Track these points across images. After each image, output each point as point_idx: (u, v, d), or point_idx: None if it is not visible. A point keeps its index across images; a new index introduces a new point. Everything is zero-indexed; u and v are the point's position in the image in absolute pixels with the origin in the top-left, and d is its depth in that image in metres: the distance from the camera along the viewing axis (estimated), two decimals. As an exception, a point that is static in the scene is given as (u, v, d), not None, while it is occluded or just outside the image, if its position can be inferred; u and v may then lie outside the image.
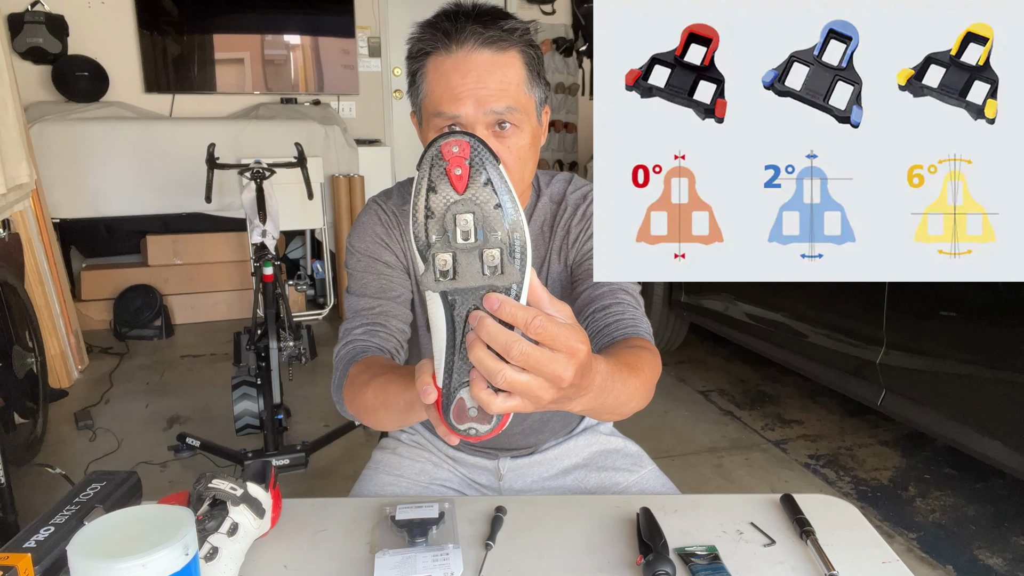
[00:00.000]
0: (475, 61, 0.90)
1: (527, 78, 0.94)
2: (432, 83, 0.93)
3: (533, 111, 0.96)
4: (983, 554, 2.04)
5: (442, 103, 0.92)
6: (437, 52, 0.92)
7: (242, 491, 0.89)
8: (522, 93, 0.93)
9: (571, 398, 0.66)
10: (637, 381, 0.83)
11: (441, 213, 0.59)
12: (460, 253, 0.59)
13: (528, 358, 0.58)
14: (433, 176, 0.60)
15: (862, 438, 2.76)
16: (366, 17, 5.33)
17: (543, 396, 0.60)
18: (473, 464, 1.26)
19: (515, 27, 0.92)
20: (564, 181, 1.13)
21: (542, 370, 0.59)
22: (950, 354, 1.90)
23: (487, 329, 0.57)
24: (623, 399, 0.79)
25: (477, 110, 0.91)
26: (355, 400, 0.93)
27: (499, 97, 0.91)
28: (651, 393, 0.91)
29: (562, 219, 1.10)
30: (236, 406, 2.64)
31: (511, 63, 0.92)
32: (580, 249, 1.09)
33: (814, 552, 0.91)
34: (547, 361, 0.58)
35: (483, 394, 0.59)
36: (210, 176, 3.20)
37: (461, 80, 0.90)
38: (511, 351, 0.57)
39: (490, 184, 0.60)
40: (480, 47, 0.90)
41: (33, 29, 4.34)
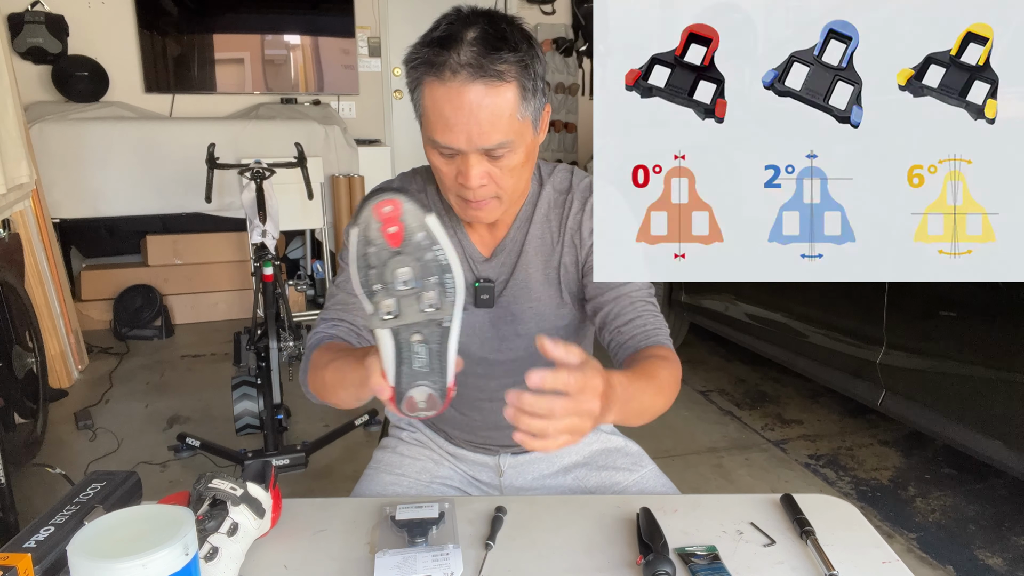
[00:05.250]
0: (468, 95, 0.91)
1: (520, 103, 0.94)
2: (428, 107, 0.95)
3: (528, 130, 0.98)
4: (983, 554, 2.04)
5: (436, 132, 0.95)
6: (431, 78, 0.93)
7: (242, 491, 0.89)
8: (515, 121, 0.94)
9: (604, 417, 0.79)
10: (655, 385, 0.95)
11: (381, 266, 0.69)
12: (402, 298, 0.70)
13: (566, 410, 0.73)
14: (371, 235, 0.69)
15: (862, 438, 2.76)
16: (366, 17, 5.33)
17: (585, 427, 0.76)
18: (474, 461, 1.26)
19: (510, 60, 0.91)
20: (567, 171, 1.15)
21: (578, 412, 0.74)
22: (950, 354, 1.90)
23: (528, 403, 0.72)
24: (646, 404, 0.94)
25: (469, 145, 0.93)
26: (316, 380, 1.01)
27: (490, 134, 0.93)
28: (675, 392, 1.00)
29: (570, 210, 1.11)
30: (236, 406, 2.63)
31: (504, 92, 0.92)
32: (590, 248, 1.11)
33: (814, 552, 0.91)
34: (578, 405, 0.73)
35: (537, 446, 0.74)
36: (210, 176, 3.19)
37: (454, 113, 0.92)
38: (554, 412, 0.72)
39: (422, 236, 0.69)
40: (473, 81, 0.90)
41: (33, 29, 4.34)
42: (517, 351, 1.13)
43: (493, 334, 1.13)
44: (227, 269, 4.39)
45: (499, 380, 1.12)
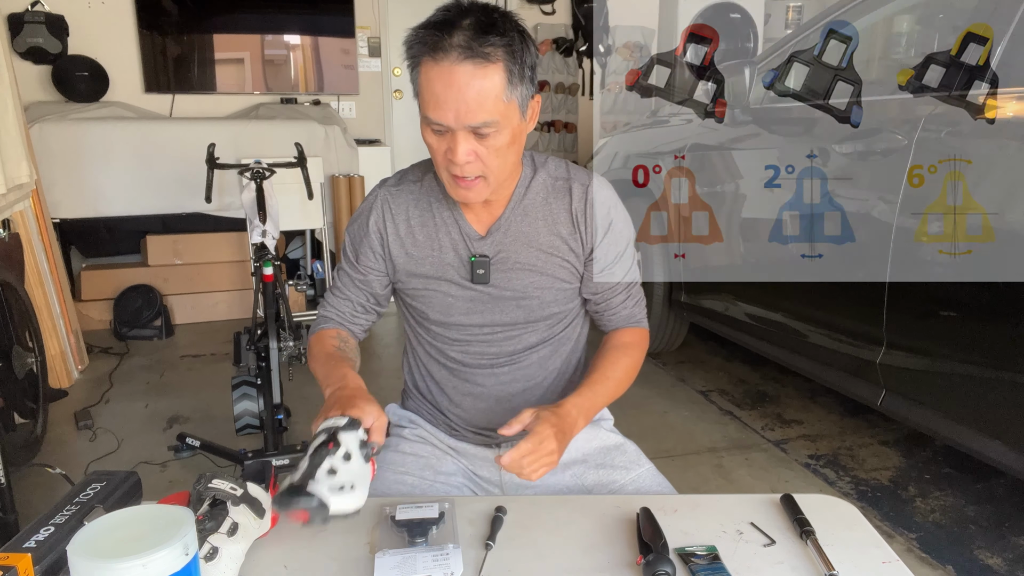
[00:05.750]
0: (457, 74, 0.99)
1: (506, 87, 1.01)
2: (423, 86, 1.03)
3: (514, 113, 1.05)
4: (983, 554, 2.04)
5: (428, 108, 1.03)
6: (427, 58, 1.01)
7: (242, 491, 0.89)
8: (500, 103, 1.01)
9: (571, 434, 1.08)
10: (613, 383, 1.20)
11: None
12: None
13: (534, 463, 0.99)
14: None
15: (862, 438, 2.75)
16: (366, 17, 5.33)
17: (555, 460, 1.02)
18: (474, 455, 1.29)
19: (497, 44, 0.99)
20: (561, 161, 1.24)
21: (545, 460, 1.00)
22: (950, 354, 1.90)
23: (507, 467, 0.99)
24: (609, 399, 1.21)
25: (457, 122, 1.01)
26: (310, 364, 1.22)
27: (476, 113, 1.00)
28: (635, 372, 1.24)
29: (573, 196, 1.19)
30: (236, 406, 2.63)
31: (490, 75, 0.99)
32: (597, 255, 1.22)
33: (814, 552, 0.91)
34: (540, 456, 1.00)
35: (525, 480, 1.01)
36: (210, 176, 3.19)
37: (444, 91, 1.00)
38: (523, 468, 0.99)
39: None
40: (463, 60, 0.98)
41: (33, 29, 4.34)
42: (516, 320, 1.21)
43: (492, 306, 1.20)
44: (227, 269, 4.39)
45: (499, 346, 1.22)
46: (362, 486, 0.89)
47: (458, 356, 1.24)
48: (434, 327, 1.24)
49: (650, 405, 3.06)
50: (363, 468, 0.91)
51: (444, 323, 1.22)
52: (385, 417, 1.01)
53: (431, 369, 1.28)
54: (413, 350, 1.32)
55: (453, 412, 1.28)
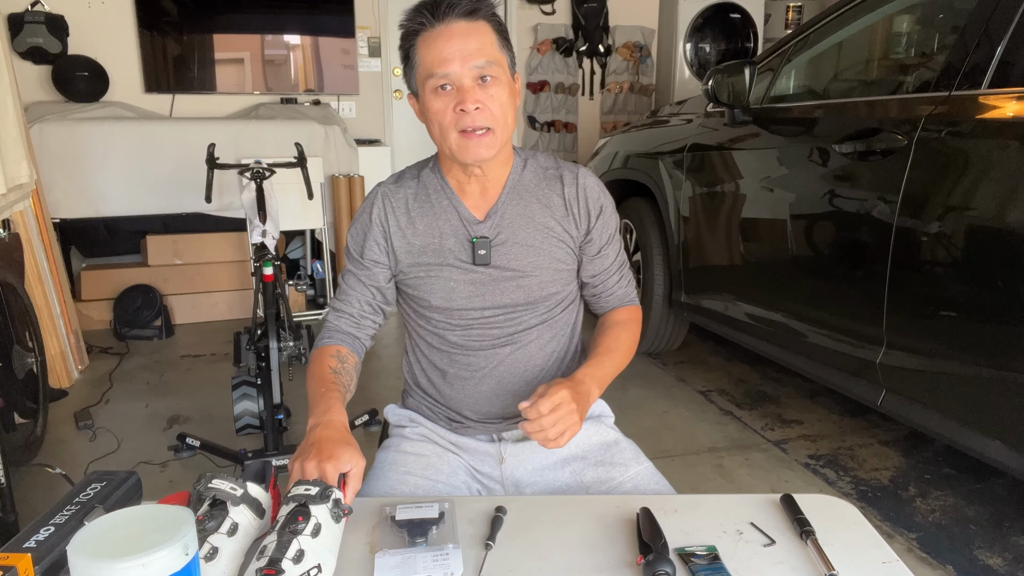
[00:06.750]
0: (455, 29, 1.11)
1: (498, 41, 1.14)
2: (423, 54, 1.12)
3: (507, 67, 1.16)
4: (983, 554, 2.04)
5: (434, 66, 1.11)
6: (424, 29, 1.12)
7: (242, 491, 0.89)
8: (496, 51, 1.13)
9: (589, 400, 1.13)
10: (620, 355, 1.26)
11: None
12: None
13: (558, 423, 1.03)
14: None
15: (862, 438, 2.76)
16: (366, 17, 5.33)
17: (576, 420, 1.05)
18: (476, 449, 1.30)
19: (482, 6, 1.12)
20: (549, 156, 1.31)
21: (567, 420, 1.04)
22: (950, 354, 1.90)
23: (529, 428, 1.04)
24: (617, 370, 1.25)
25: (463, 67, 1.10)
26: (306, 380, 1.22)
27: (479, 54, 1.11)
28: (635, 346, 1.31)
29: (565, 183, 1.26)
30: (236, 406, 2.63)
31: (483, 29, 1.12)
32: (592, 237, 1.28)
33: (814, 552, 0.91)
34: (561, 415, 1.04)
35: (551, 446, 1.04)
36: (210, 176, 3.19)
37: (447, 44, 1.10)
38: (544, 427, 1.03)
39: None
40: (457, 19, 1.11)
41: (33, 29, 4.34)
42: (516, 301, 1.24)
43: (493, 287, 1.23)
44: (227, 269, 4.39)
45: (500, 328, 1.25)
46: (329, 561, 0.86)
47: (459, 340, 1.26)
48: (435, 315, 1.26)
49: (650, 405, 3.06)
50: (333, 537, 0.88)
51: (446, 309, 1.24)
52: (363, 461, 0.99)
53: (432, 357, 1.30)
54: (414, 344, 1.33)
55: (454, 399, 1.29)
